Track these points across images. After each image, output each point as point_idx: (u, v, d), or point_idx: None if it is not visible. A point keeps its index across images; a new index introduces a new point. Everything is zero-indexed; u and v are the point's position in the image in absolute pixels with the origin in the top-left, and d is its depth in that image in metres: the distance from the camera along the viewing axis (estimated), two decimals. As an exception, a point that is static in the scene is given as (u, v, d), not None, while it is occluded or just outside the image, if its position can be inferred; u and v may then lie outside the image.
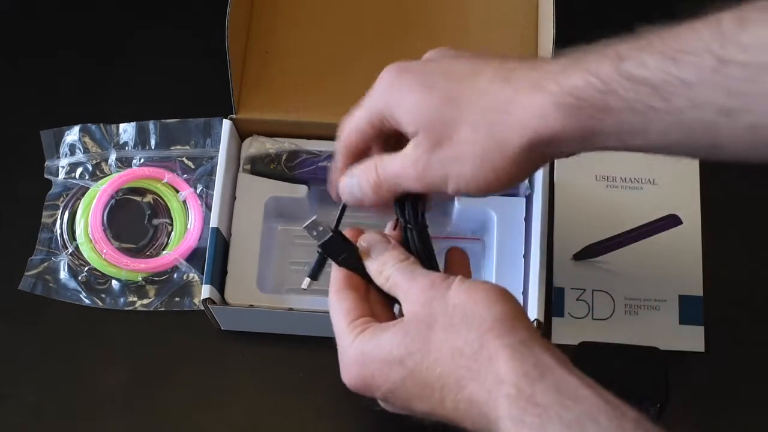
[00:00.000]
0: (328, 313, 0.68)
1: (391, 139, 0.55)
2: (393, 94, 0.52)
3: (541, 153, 0.49)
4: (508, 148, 0.49)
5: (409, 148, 0.52)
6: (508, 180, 0.50)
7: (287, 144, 0.74)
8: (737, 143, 0.44)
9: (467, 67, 0.52)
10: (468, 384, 0.47)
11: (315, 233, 0.55)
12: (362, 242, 0.55)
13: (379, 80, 0.54)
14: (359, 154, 0.56)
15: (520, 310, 0.49)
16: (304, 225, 0.55)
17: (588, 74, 0.46)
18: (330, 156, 0.73)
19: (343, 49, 0.76)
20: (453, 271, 0.55)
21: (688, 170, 0.77)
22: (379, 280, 0.53)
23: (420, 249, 0.55)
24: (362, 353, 0.50)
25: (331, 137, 0.73)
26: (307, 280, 0.56)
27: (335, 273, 0.55)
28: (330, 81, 0.75)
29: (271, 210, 0.74)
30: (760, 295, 0.75)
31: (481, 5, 0.77)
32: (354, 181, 0.55)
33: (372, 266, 0.54)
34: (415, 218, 0.55)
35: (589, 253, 0.75)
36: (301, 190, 0.73)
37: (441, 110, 0.51)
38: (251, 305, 0.69)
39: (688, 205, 0.76)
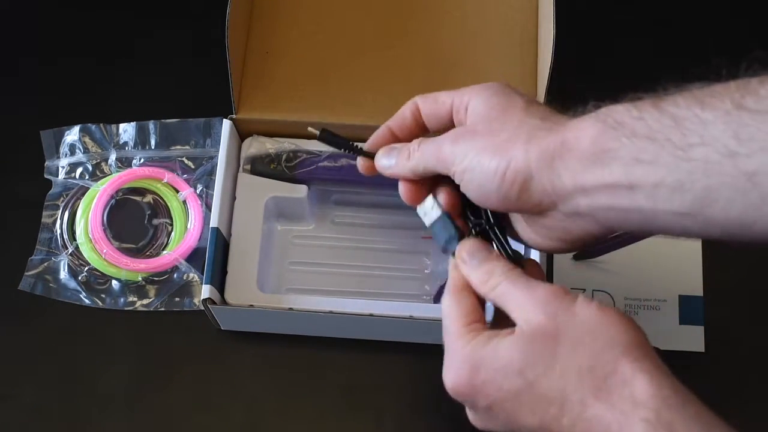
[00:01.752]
0: (327, 313, 0.68)
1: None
2: (476, 95, 0.54)
3: (550, 168, 0.49)
4: (535, 147, 0.49)
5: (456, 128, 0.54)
6: (511, 179, 0.50)
7: (287, 144, 0.74)
8: (735, 191, 0.45)
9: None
10: (594, 404, 0.46)
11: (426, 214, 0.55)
12: (461, 250, 0.53)
13: (480, 85, 0.55)
14: (415, 121, 0.57)
15: (648, 340, 0.48)
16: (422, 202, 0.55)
17: (631, 104, 0.48)
18: (330, 156, 0.73)
19: (343, 49, 0.76)
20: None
21: (688, 170, 0.77)
22: (482, 290, 0.52)
23: (511, 253, 0.54)
24: (477, 359, 0.49)
25: (331, 137, 0.74)
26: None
27: (455, 273, 0.53)
28: (330, 81, 0.75)
29: (271, 210, 0.74)
30: (760, 295, 0.75)
31: (481, 5, 0.77)
32: (395, 151, 0.56)
33: (474, 275, 0.52)
34: (488, 220, 0.54)
35: (589, 253, 0.75)
36: (301, 190, 0.73)
37: (509, 112, 0.52)
38: (251, 305, 0.69)
39: (688, 205, 0.76)
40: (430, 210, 0.54)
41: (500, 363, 0.48)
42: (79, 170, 0.78)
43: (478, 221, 0.54)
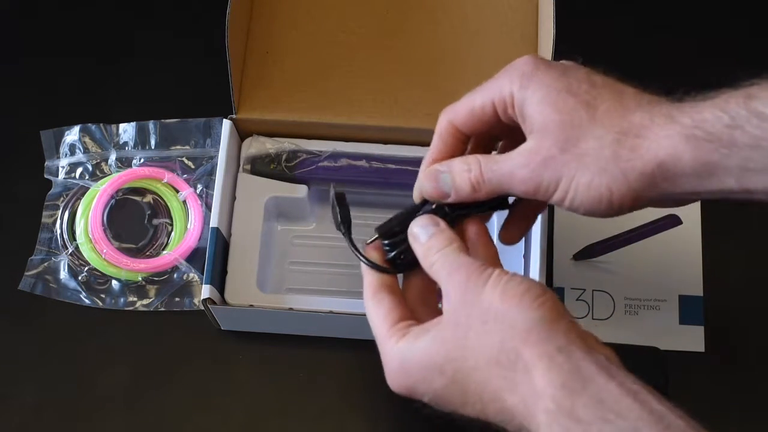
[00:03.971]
0: (328, 313, 0.68)
1: (486, 140, 0.55)
2: (528, 85, 0.50)
3: (657, 187, 0.48)
4: (631, 171, 0.48)
5: (526, 146, 0.50)
6: (618, 204, 0.49)
7: (287, 144, 0.74)
8: None
9: (610, 83, 0.51)
10: (506, 396, 0.45)
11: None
12: (412, 226, 0.52)
13: (510, 68, 0.52)
14: (458, 141, 0.54)
15: (559, 311, 0.47)
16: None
17: (717, 109, 0.47)
18: (330, 156, 0.73)
19: (343, 49, 0.76)
20: (475, 253, 0.53)
21: (688, 170, 0.77)
22: (425, 266, 0.51)
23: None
24: (403, 361, 0.49)
25: (332, 137, 0.74)
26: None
27: (367, 277, 0.53)
28: (330, 81, 0.75)
29: (271, 210, 0.74)
30: (760, 295, 0.75)
31: (481, 5, 0.77)
32: (446, 176, 0.53)
33: (419, 251, 0.51)
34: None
35: (589, 253, 0.75)
36: (301, 190, 0.73)
37: (576, 113, 0.49)
38: (251, 305, 0.69)
39: (688, 205, 0.76)
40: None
41: (424, 362, 0.48)
42: (79, 170, 0.78)
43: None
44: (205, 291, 0.67)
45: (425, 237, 0.51)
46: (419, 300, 0.53)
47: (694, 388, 0.72)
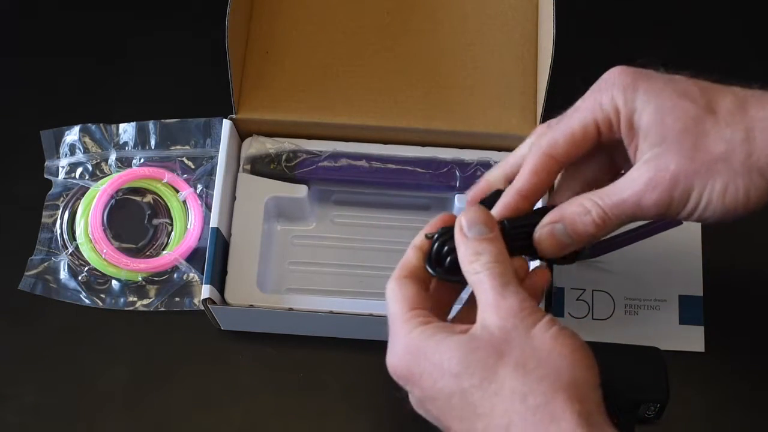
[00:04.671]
0: (328, 313, 0.68)
1: (577, 166, 0.52)
2: (635, 96, 0.48)
3: None
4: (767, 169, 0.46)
5: (647, 165, 0.48)
6: (755, 206, 0.47)
7: (287, 144, 0.74)
8: None
9: (712, 84, 0.49)
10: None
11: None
12: (462, 217, 0.50)
13: (606, 83, 0.49)
14: (553, 174, 0.51)
15: (596, 380, 0.46)
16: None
17: None
18: (330, 156, 0.73)
19: (344, 49, 0.76)
20: (529, 292, 0.50)
21: (688, 170, 0.77)
22: (464, 267, 0.49)
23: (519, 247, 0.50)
24: (419, 347, 0.48)
25: (332, 137, 0.74)
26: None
27: (409, 256, 0.51)
28: (330, 81, 0.75)
29: (271, 210, 0.74)
30: (760, 295, 0.75)
31: (481, 5, 0.77)
32: (559, 226, 0.51)
33: (463, 250, 0.49)
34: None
35: (589, 253, 0.75)
36: (301, 190, 0.73)
37: (699, 120, 0.47)
38: (251, 305, 0.69)
39: (688, 205, 0.76)
40: None
41: (440, 359, 0.47)
42: (79, 170, 0.78)
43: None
44: (205, 291, 0.67)
45: (475, 233, 0.49)
46: (441, 299, 0.52)
47: (694, 388, 0.72)
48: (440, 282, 0.53)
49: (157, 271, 0.75)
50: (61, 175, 0.78)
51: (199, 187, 0.78)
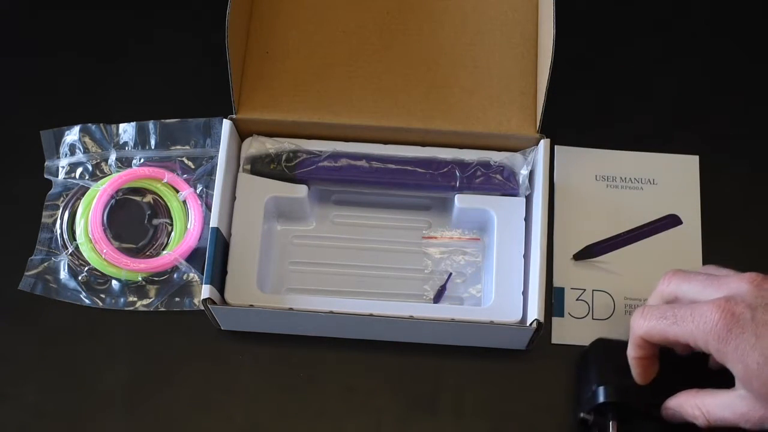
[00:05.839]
0: (328, 313, 0.68)
1: None
2: (725, 353, 0.56)
3: None
4: None
5: (739, 398, 0.58)
6: None
7: (287, 144, 0.74)
8: None
9: None
10: None
11: None
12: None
13: (702, 321, 0.57)
14: (655, 351, 0.64)
15: None
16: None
17: None
18: (330, 156, 0.73)
19: (344, 49, 0.76)
20: None
21: (688, 170, 0.77)
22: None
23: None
24: None
25: (332, 137, 0.74)
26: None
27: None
28: (330, 81, 0.75)
29: (271, 210, 0.74)
30: (760, 295, 0.75)
31: (481, 5, 0.77)
32: (675, 412, 0.63)
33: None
34: None
35: (589, 253, 0.75)
36: (301, 190, 0.73)
37: None
38: (251, 305, 0.69)
39: (688, 205, 0.76)
40: None
41: None
42: (79, 170, 0.78)
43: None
44: (205, 291, 0.67)
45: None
46: None
47: (694, 388, 0.72)
48: None
49: (157, 271, 0.75)
50: (61, 175, 0.78)
51: (199, 187, 0.78)
